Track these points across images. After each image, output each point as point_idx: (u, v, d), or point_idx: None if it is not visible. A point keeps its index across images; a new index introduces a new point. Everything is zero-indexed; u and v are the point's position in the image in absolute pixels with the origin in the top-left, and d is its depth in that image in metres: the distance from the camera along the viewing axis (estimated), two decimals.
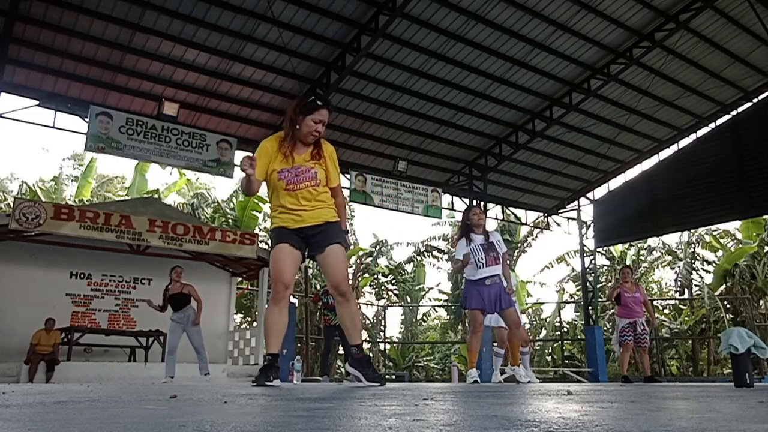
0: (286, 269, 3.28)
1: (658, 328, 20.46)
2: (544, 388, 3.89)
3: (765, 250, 20.06)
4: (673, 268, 23.28)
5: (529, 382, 5.46)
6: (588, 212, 16.79)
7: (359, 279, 21.76)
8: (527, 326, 23.60)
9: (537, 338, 23.29)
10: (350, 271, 20.30)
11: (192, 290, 8.26)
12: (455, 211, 17.54)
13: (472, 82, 12.18)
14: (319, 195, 3.35)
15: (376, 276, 23.11)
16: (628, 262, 22.91)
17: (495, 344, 7.82)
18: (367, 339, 21.11)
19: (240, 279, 15.10)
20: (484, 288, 5.31)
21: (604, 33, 11.57)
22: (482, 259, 5.32)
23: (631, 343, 7.50)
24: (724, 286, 20.77)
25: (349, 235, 3.54)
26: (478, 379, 5.48)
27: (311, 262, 20.26)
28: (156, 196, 18.68)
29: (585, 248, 16.86)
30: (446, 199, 15.74)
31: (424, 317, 24.65)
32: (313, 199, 3.32)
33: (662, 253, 23.67)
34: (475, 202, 14.64)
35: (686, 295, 22.22)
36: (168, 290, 8.17)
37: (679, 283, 22.55)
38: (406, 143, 13.51)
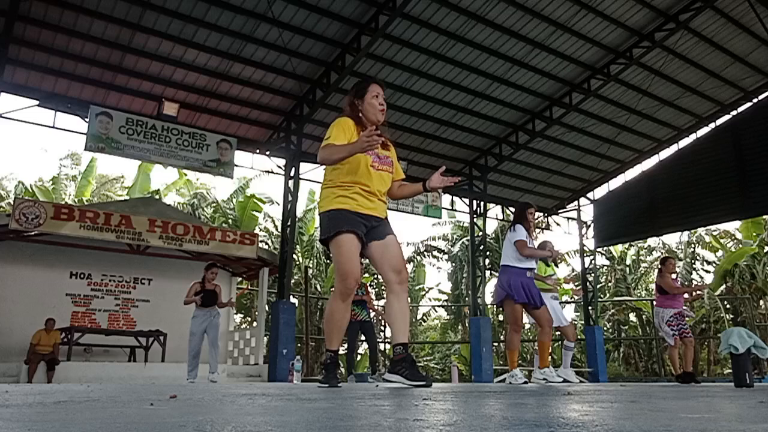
0: (357, 265, 3.13)
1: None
2: (544, 388, 3.89)
3: (765, 250, 20.06)
4: None
5: (563, 381, 5.25)
6: (588, 212, 16.81)
7: None
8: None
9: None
10: None
11: (221, 291, 8.22)
12: (455, 211, 17.55)
13: (472, 82, 12.18)
14: (388, 186, 3.30)
15: (376, 276, 23.11)
16: (628, 262, 22.93)
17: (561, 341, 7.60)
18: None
19: (240, 279, 15.11)
20: (525, 279, 5.30)
21: (604, 33, 11.57)
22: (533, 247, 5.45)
23: (677, 337, 6.99)
24: (724, 286, 20.78)
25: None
26: (527, 380, 5.40)
27: (310, 261, 20.29)
28: (156, 196, 18.69)
29: (585, 248, 16.87)
30: (446, 199, 15.76)
31: (424, 317, 24.66)
32: (383, 188, 3.25)
33: (662, 253, 23.67)
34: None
35: (686, 295, 22.20)
36: (203, 285, 7.95)
37: (679, 283, 22.54)
38: (406, 143, 13.50)
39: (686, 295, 7.45)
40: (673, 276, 7.47)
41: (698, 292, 7.25)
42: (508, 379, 5.31)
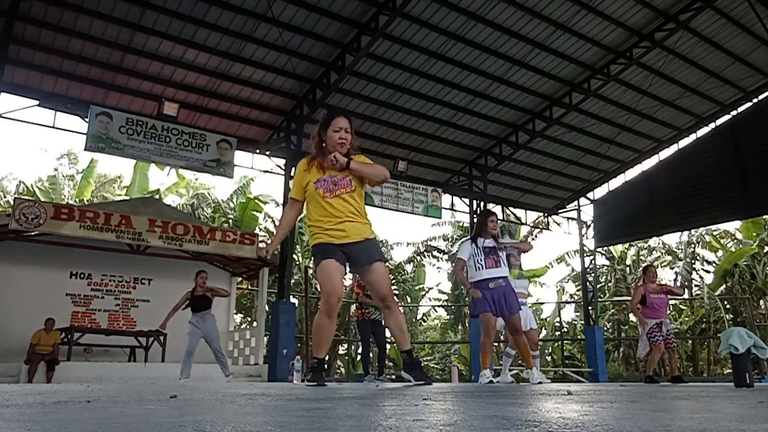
0: (338, 284, 3.44)
1: None
2: (544, 388, 3.89)
3: (765, 250, 20.06)
4: (673, 268, 23.28)
5: (539, 383, 5.42)
6: (588, 212, 16.80)
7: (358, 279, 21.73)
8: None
9: (537, 338, 23.25)
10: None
11: (214, 289, 8.27)
12: (455, 211, 17.52)
13: (472, 82, 12.18)
14: (356, 204, 3.51)
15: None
16: (628, 262, 22.92)
17: (507, 345, 7.77)
18: None
19: (240, 279, 15.10)
20: (488, 291, 5.29)
21: (604, 33, 11.57)
22: (482, 260, 5.34)
23: (662, 343, 7.15)
24: (724, 286, 20.77)
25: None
26: (494, 380, 5.44)
27: (310, 261, 20.27)
28: (156, 196, 18.68)
29: (585, 248, 16.86)
30: (446, 199, 15.74)
31: (424, 317, 24.66)
32: (350, 210, 3.46)
33: (662, 253, 23.68)
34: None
35: (686, 295, 22.23)
36: (193, 293, 8.12)
37: (679, 283, 22.56)
38: (406, 143, 13.51)
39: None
40: (653, 285, 7.46)
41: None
42: (480, 380, 5.41)
